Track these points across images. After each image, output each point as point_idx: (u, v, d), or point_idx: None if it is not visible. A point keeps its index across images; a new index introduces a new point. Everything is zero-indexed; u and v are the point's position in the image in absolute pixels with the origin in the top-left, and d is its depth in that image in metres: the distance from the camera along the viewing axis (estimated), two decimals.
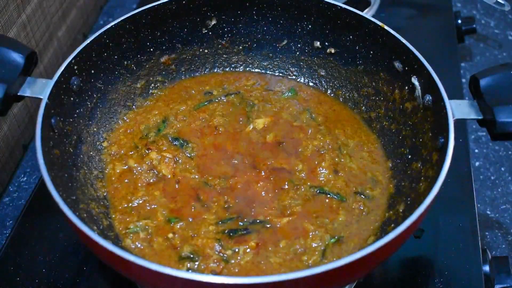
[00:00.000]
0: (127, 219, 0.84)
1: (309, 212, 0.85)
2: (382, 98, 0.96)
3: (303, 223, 0.83)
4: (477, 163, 1.12)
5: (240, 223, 0.83)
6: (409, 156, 0.88)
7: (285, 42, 1.05)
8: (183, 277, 0.62)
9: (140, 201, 0.87)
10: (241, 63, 1.08)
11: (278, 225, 0.83)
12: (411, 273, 0.89)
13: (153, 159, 0.91)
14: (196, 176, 0.90)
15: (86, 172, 0.87)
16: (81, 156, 0.88)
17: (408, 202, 0.82)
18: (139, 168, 0.90)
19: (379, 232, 0.83)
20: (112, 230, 0.83)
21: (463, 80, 1.24)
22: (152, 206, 0.86)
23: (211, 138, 0.95)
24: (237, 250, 0.80)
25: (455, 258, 0.89)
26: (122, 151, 0.94)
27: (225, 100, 1.01)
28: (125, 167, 0.91)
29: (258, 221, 0.84)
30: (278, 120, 0.98)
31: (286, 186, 0.88)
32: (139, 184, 0.89)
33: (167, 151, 0.92)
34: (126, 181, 0.90)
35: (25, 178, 1.10)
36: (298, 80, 1.06)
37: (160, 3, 0.96)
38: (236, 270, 0.78)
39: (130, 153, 0.93)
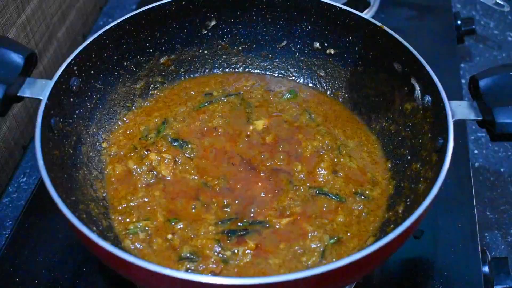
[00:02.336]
0: (127, 220, 0.84)
1: (308, 213, 0.85)
2: (381, 99, 0.96)
3: (302, 224, 0.83)
4: (476, 164, 1.12)
5: (239, 223, 0.83)
6: (409, 157, 0.88)
7: (284, 43, 1.05)
8: (183, 277, 0.62)
9: (140, 202, 0.87)
10: (240, 64, 1.08)
11: (277, 226, 0.83)
12: (410, 273, 0.89)
13: (152, 160, 0.91)
14: (196, 177, 0.90)
15: (85, 173, 0.87)
16: (81, 156, 0.88)
17: (408, 203, 0.82)
18: (138, 169, 0.90)
19: (378, 233, 0.83)
20: (112, 230, 0.83)
21: (463, 81, 1.24)
22: (152, 207, 0.86)
23: (211, 139, 0.95)
24: (236, 251, 0.80)
25: (454, 259, 0.89)
26: (121, 152, 0.94)
27: (225, 101, 1.01)
28: (125, 168, 0.91)
29: (257, 221, 0.84)
30: (278, 121, 0.98)
31: (286, 187, 0.88)
32: (139, 185, 0.89)
33: (166, 152, 0.92)
34: (125, 182, 0.90)
35: (25, 179, 1.10)
36: (298, 81, 1.06)
37: (160, 4, 0.96)
38: (235, 271, 0.78)
39: (130, 154, 0.93)
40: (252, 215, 0.85)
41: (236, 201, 0.86)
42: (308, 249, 0.81)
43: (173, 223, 0.84)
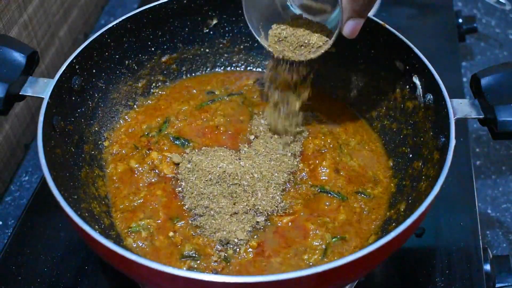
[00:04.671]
0: (129, 218, 0.85)
1: (310, 211, 0.85)
2: (383, 97, 0.96)
3: (304, 222, 0.84)
4: (478, 162, 1.12)
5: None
6: (410, 155, 0.88)
7: None
8: (185, 276, 0.62)
9: (142, 201, 0.87)
10: (242, 62, 1.08)
11: (279, 224, 0.83)
12: (412, 271, 0.89)
13: (154, 159, 0.91)
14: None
15: (87, 171, 0.87)
16: (83, 155, 0.88)
17: (409, 201, 0.82)
18: (140, 168, 0.90)
19: (380, 231, 0.83)
20: (114, 229, 0.83)
21: (464, 79, 1.24)
22: (154, 205, 0.86)
23: (212, 138, 0.95)
24: (238, 249, 0.80)
25: (456, 257, 0.89)
26: (123, 151, 0.94)
27: (227, 100, 1.01)
28: (127, 167, 0.91)
29: (259, 220, 0.84)
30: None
31: (288, 185, 0.88)
32: (141, 184, 0.89)
33: (168, 150, 0.92)
34: (127, 180, 0.90)
35: (27, 178, 1.10)
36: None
37: (161, 3, 0.97)
38: (237, 269, 0.79)
39: (132, 153, 0.93)
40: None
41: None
42: (310, 247, 0.81)
43: (175, 222, 0.84)
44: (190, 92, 1.04)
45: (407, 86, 0.90)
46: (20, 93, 0.81)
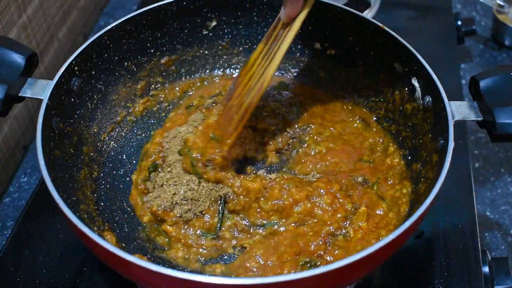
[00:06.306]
0: None
1: (309, 210, 0.85)
2: (382, 99, 0.96)
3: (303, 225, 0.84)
4: (476, 164, 1.12)
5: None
6: (409, 157, 0.88)
7: None
8: (183, 277, 0.62)
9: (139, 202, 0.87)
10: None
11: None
12: (410, 274, 0.89)
13: None
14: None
15: (86, 173, 0.87)
16: (82, 157, 0.88)
17: (408, 203, 0.82)
18: None
19: None
20: None
21: (463, 81, 1.24)
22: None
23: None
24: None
25: (454, 259, 0.89)
26: None
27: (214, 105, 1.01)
28: None
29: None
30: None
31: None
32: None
33: None
34: None
35: (26, 179, 1.10)
36: (298, 81, 1.06)
37: (161, 4, 0.97)
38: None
39: None
40: None
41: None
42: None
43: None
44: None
45: (406, 88, 0.90)
46: (19, 95, 0.81)
